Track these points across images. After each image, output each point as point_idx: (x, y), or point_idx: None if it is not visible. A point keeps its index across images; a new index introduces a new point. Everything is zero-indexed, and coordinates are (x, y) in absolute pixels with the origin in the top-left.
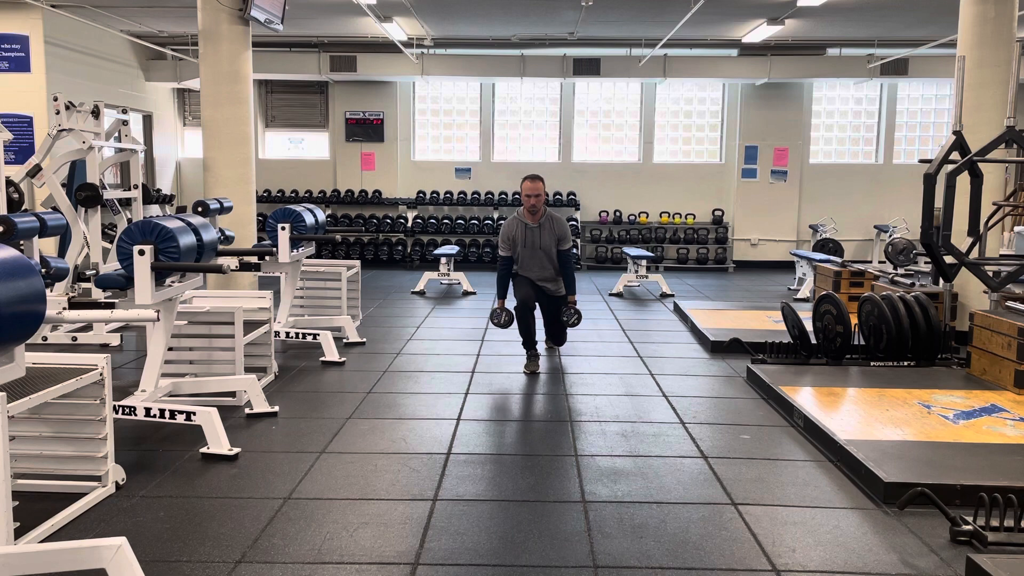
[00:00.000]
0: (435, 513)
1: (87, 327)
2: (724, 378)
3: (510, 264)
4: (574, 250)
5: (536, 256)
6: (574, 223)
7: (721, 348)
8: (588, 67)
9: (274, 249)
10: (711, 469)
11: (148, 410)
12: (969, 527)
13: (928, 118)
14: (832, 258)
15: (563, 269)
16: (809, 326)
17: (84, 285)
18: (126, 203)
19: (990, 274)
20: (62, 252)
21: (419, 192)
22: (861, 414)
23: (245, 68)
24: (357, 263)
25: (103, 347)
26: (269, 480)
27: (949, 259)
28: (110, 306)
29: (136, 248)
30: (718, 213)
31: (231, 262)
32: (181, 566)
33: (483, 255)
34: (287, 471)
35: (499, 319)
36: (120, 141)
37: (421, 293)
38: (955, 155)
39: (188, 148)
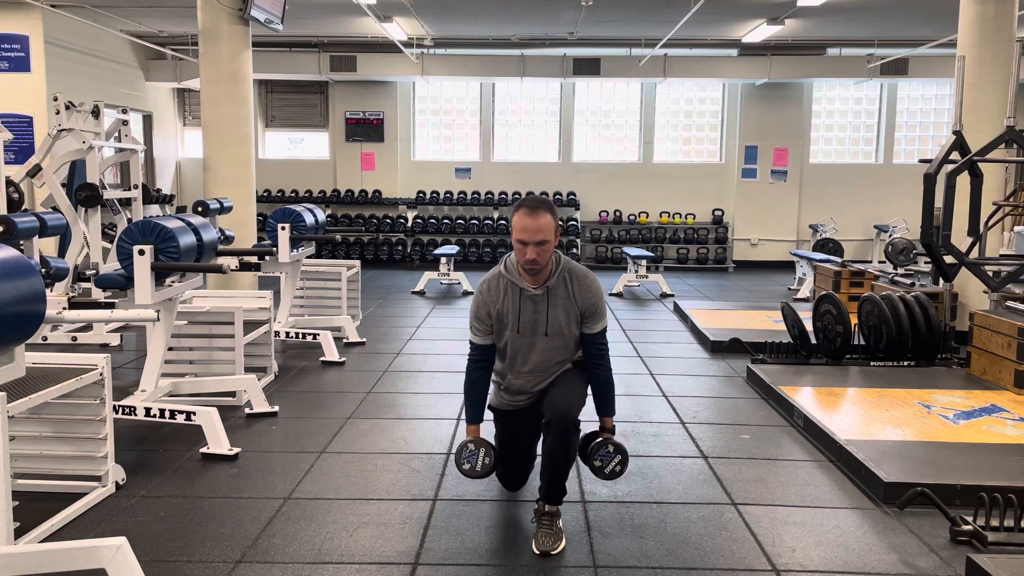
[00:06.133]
0: (435, 513)
1: (87, 327)
2: (724, 378)
3: (489, 359)
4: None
5: (540, 349)
6: (574, 223)
7: (721, 348)
8: (588, 67)
9: (274, 249)
10: (711, 469)
11: (148, 410)
12: (969, 527)
13: (928, 118)
14: (832, 258)
15: (594, 370)
16: (809, 326)
17: (84, 285)
18: (126, 203)
19: (990, 274)
20: (62, 252)
21: (419, 192)
22: (861, 414)
23: (245, 68)
24: (357, 263)
25: (103, 347)
26: (269, 480)
27: (949, 259)
28: (110, 306)
29: (136, 248)
30: (718, 213)
31: (231, 262)
32: (181, 566)
33: (483, 255)
34: (287, 471)
35: (473, 463)
36: (120, 141)
37: (421, 293)
38: (955, 155)
39: (188, 148)
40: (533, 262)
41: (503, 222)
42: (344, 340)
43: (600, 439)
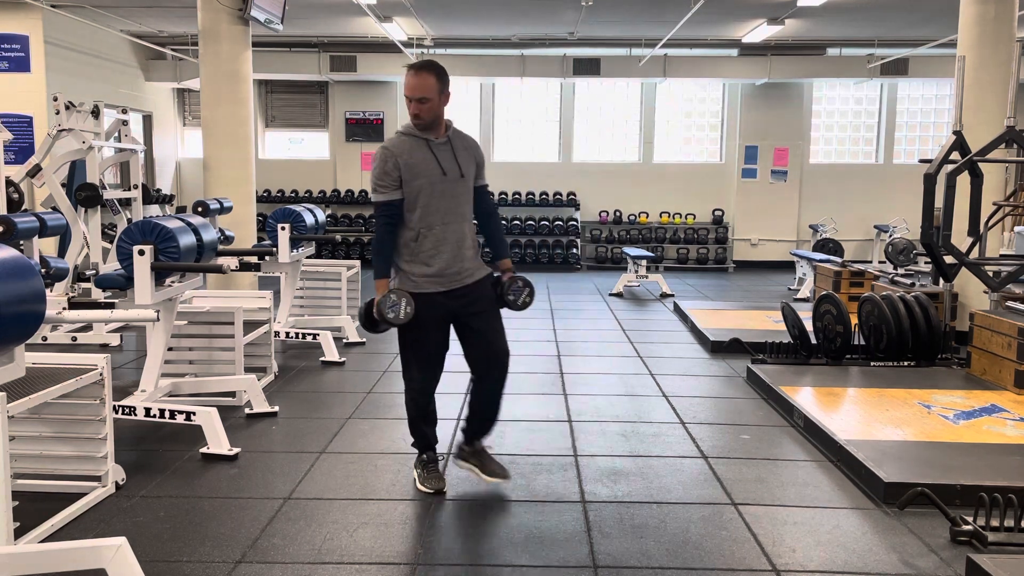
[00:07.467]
0: (435, 513)
1: (87, 327)
2: (724, 378)
3: (399, 215)
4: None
5: (450, 195)
6: (574, 223)
7: (721, 348)
8: (588, 67)
9: (274, 249)
10: (711, 469)
11: (148, 410)
12: (969, 527)
13: (928, 118)
14: (832, 258)
15: (483, 218)
16: (809, 326)
17: (84, 285)
18: (126, 203)
19: (990, 274)
20: (62, 252)
21: None
22: (861, 414)
23: (245, 68)
24: (357, 263)
25: (103, 347)
26: (269, 480)
27: (949, 259)
28: (110, 306)
29: (136, 248)
30: (718, 213)
31: (231, 262)
32: (181, 566)
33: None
34: (287, 471)
35: (397, 312)
36: (120, 141)
37: None
38: (955, 155)
39: (188, 148)
40: (416, 116)
41: (503, 222)
42: (344, 340)
43: (507, 278)
